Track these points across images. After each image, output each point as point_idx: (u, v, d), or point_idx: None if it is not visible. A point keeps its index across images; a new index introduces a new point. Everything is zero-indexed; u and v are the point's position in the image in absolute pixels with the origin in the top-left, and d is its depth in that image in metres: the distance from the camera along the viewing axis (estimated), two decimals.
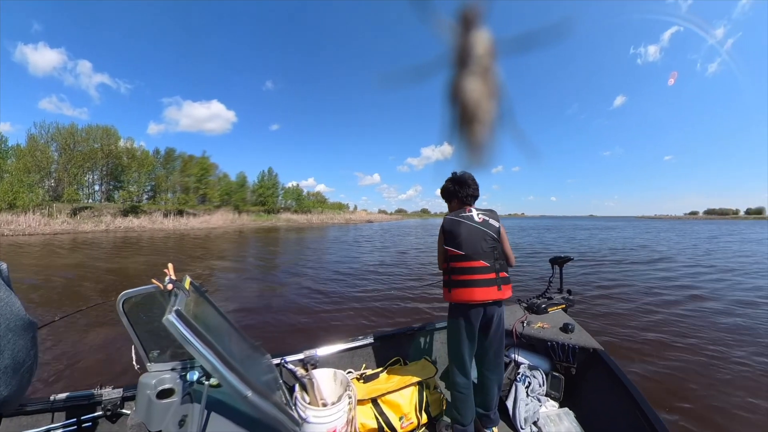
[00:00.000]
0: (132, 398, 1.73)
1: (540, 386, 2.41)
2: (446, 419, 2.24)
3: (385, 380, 2.35)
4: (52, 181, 37.84)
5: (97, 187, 44.29)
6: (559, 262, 3.15)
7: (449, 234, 2.06)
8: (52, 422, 1.70)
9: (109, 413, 1.76)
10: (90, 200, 41.75)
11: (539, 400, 2.34)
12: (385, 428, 2.10)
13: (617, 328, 5.27)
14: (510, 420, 2.26)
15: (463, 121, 0.89)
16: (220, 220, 43.39)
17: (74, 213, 32.89)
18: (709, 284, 8.56)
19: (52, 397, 1.74)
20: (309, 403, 1.82)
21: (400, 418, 2.15)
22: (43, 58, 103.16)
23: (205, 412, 1.14)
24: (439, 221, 2.23)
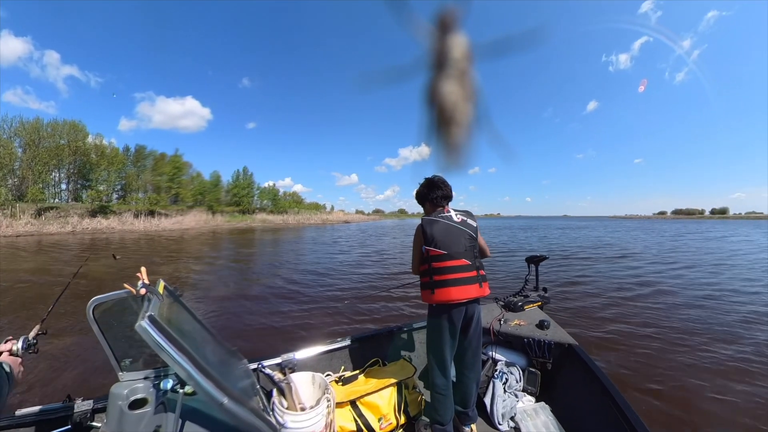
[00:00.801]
0: (103, 410, 1.62)
1: (517, 382, 2.47)
2: (425, 419, 2.25)
3: (364, 382, 2.34)
4: (16, 179, 35.61)
5: (63, 186, 42.13)
6: (534, 260, 3.23)
7: (429, 234, 2.05)
8: None
9: (78, 427, 1.66)
10: (56, 200, 39.61)
11: (516, 396, 2.39)
12: (364, 430, 2.10)
13: (587, 321, 5.55)
14: (488, 416, 2.30)
15: (440, 123, 0.90)
16: (193, 221, 42.08)
17: (39, 213, 31.04)
18: (672, 279, 9.11)
19: (18, 412, 1.65)
20: (287, 408, 1.79)
21: (379, 419, 2.14)
22: (6, 46, 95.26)
23: (180, 421, 1.10)
24: (416, 221, 2.23)
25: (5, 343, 1.20)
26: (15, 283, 8.44)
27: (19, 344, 1.20)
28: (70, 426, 1.66)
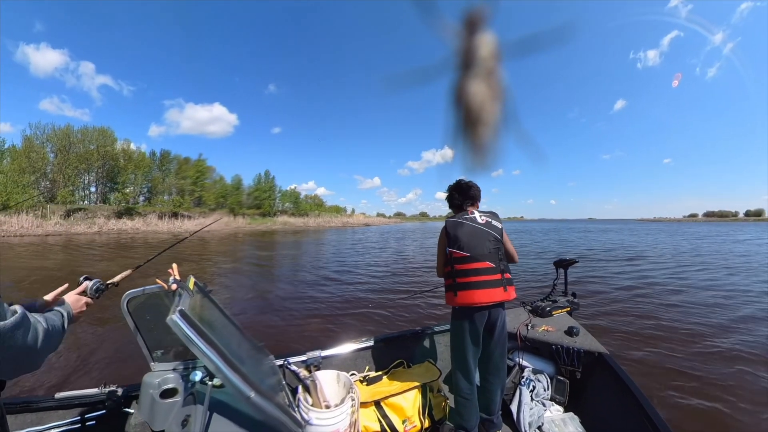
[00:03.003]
0: (136, 397, 1.76)
1: (544, 390, 2.43)
2: (449, 423, 2.25)
3: (389, 383, 2.37)
4: (48, 182, 37.93)
5: (93, 189, 44.57)
6: (563, 264, 3.16)
7: (452, 236, 2.07)
8: (57, 420, 1.75)
9: (112, 412, 1.80)
10: (86, 202, 41.85)
11: (544, 405, 2.35)
12: (388, 431, 2.12)
13: (615, 325, 5.44)
14: (514, 424, 2.27)
15: (467, 123, 0.91)
16: (215, 222, 43.35)
17: (68, 215, 32.97)
18: (700, 281, 9.01)
19: (57, 395, 1.78)
20: (312, 405, 1.84)
21: (404, 422, 2.16)
22: (44, 58, 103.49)
23: (208, 412, 1.16)
24: (438, 224, 2.25)
25: (82, 283, 1.27)
26: (43, 277, 9.01)
27: (91, 285, 1.27)
28: (105, 411, 1.79)
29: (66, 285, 1.25)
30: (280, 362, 2.19)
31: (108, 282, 1.34)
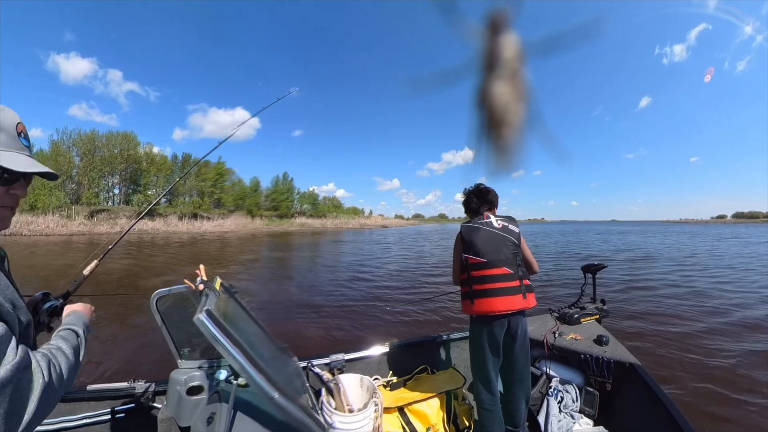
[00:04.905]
0: (163, 392, 1.86)
1: (573, 402, 2.38)
2: None
3: (412, 389, 2.39)
4: (73, 184, 40.02)
5: (116, 191, 46.71)
6: (591, 269, 3.09)
7: (468, 242, 2.05)
8: (89, 411, 1.87)
9: (141, 406, 1.91)
10: (109, 203, 43.90)
11: (572, 417, 2.31)
12: None
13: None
14: None
15: (490, 124, 0.92)
16: (233, 224, 45.09)
17: (91, 215, 34.73)
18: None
19: (88, 387, 1.91)
20: (335, 408, 1.87)
21: (428, 429, 2.16)
22: (74, 67, 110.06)
23: (233, 411, 1.21)
24: (456, 226, 2.24)
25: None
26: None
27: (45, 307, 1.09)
28: (134, 404, 1.91)
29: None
30: (303, 364, 2.24)
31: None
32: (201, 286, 1.37)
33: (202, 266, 1.46)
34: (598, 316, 2.92)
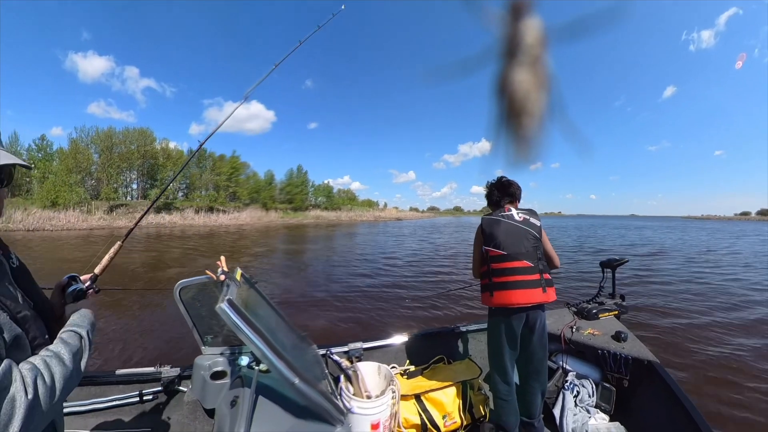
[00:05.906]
0: (188, 377, 1.96)
1: (589, 396, 2.37)
2: (489, 424, 2.26)
3: (429, 378, 2.43)
4: (93, 180, 41.26)
5: (134, 186, 47.96)
6: (611, 265, 3.04)
7: (489, 234, 2.05)
8: (118, 393, 1.98)
9: (167, 389, 2.02)
10: (127, 198, 45.08)
11: (588, 412, 2.30)
12: (429, 425, 2.18)
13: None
14: (557, 429, 2.25)
15: (510, 114, 0.90)
16: (248, 217, 45.84)
17: (110, 210, 35.82)
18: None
19: (117, 371, 2.02)
20: (353, 395, 1.92)
21: (444, 417, 2.21)
22: (92, 65, 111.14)
23: (255, 395, 1.26)
24: (472, 219, 2.23)
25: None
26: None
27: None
28: (161, 388, 2.02)
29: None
30: (322, 352, 2.30)
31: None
32: (222, 277, 1.42)
33: (222, 258, 1.51)
34: (616, 312, 2.88)
